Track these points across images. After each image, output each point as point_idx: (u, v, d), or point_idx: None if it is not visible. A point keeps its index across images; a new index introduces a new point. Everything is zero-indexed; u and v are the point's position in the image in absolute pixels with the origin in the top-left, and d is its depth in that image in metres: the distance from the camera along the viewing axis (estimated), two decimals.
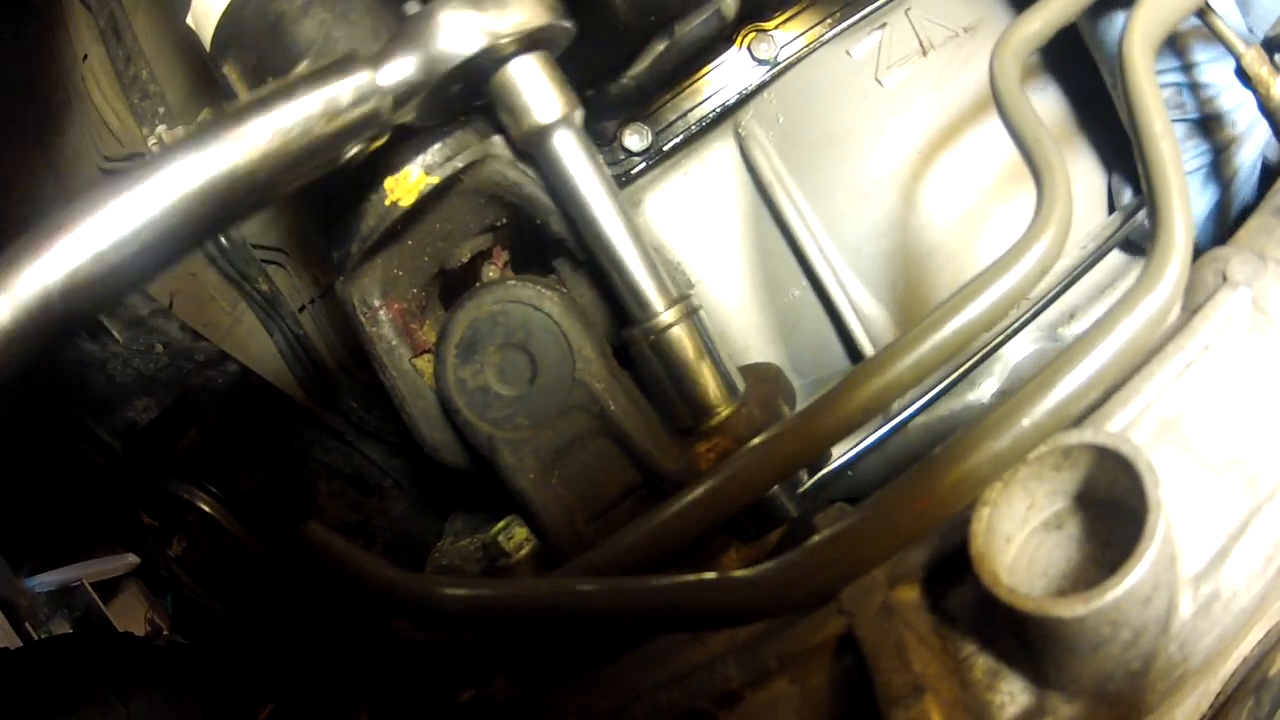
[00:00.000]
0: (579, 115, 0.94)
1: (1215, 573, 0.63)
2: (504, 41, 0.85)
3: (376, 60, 0.81)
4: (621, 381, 0.98)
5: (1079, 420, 0.63)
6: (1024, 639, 0.58)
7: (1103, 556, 0.61)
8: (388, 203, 0.94)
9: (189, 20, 0.99)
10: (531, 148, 0.94)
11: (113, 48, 1.55)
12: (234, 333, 1.55)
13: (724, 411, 0.97)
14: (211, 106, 1.45)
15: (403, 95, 0.82)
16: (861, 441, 1.02)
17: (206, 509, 1.40)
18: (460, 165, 0.95)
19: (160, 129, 0.92)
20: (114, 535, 1.72)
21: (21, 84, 1.57)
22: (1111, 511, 0.61)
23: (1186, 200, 0.69)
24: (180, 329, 1.49)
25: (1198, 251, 0.71)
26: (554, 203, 0.97)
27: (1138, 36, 0.79)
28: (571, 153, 0.93)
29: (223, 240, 1.49)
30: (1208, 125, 1.04)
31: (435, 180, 0.94)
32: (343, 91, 0.77)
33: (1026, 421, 0.55)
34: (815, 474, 1.01)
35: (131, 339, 1.48)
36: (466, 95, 0.91)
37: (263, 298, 1.51)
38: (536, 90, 0.90)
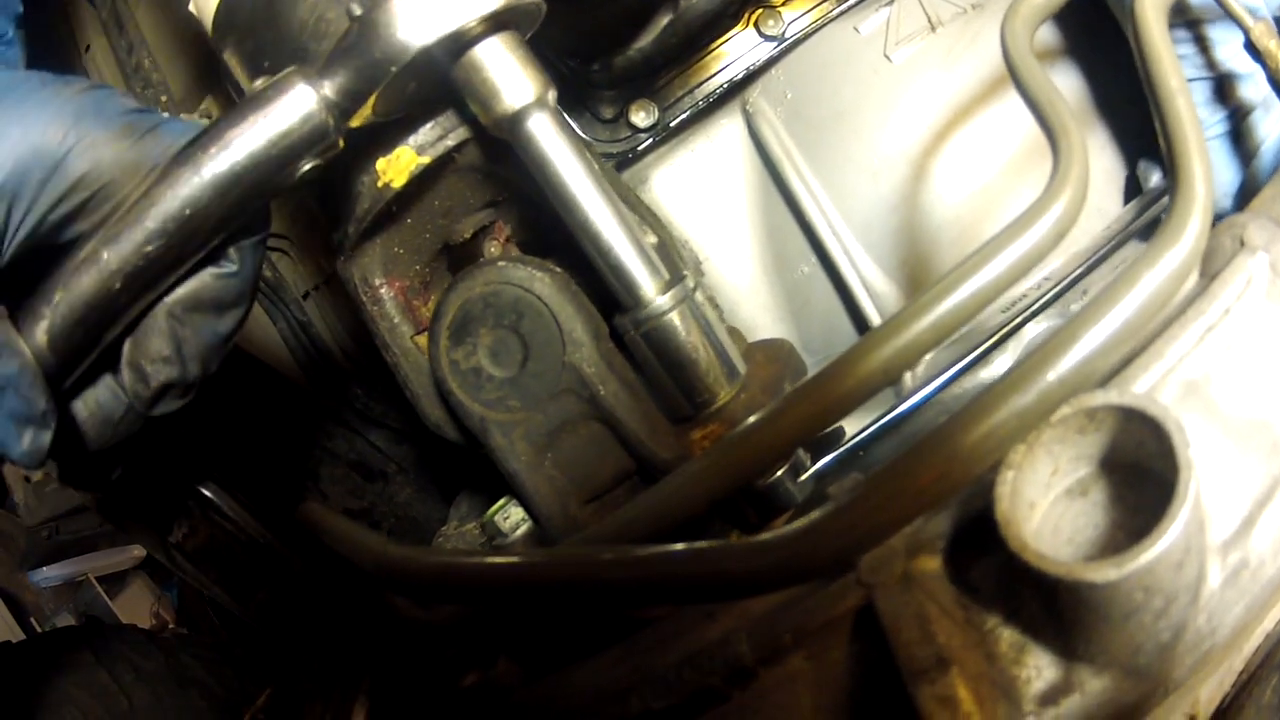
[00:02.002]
0: (553, 96, 0.88)
1: (1243, 540, 0.61)
2: (464, 28, 0.81)
3: (320, 74, 0.78)
4: (615, 366, 0.95)
5: (1101, 385, 0.61)
6: (1052, 609, 0.56)
7: (1129, 523, 0.59)
8: (380, 184, 0.93)
9: (191, 7, 0.97)
10: (505, 134, 0.88)
11: (115, 38, 1.54)
12: None
13: (723, 398, 0.93)
14: (214, 95, 1.44)
15: (348, 106, 0.79)
16: (867, 429, 0.99)
17: (209, 495, 1.38)
18: (452, 144, 0.93)
19: None
20: (115, 523, 1.71)
21: None
22: (1137, 477, 0.60)
23: (1205, 154, 0.67)
24: None
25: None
26: (535, 189, 0.92)
27: None
28: (548, 136, 0.86)
29: None
30: (1223, 90, 1.02)
31: (427, 160, 0.92)
32: (284, 114, 0.76)
33: (1052, 375, 0.53)
34: (820, 459, 0.98)
35: None
36: (428, 89, 0.87)
37: (266, 284, 1.49)
38: (506, 74, 0.84)
